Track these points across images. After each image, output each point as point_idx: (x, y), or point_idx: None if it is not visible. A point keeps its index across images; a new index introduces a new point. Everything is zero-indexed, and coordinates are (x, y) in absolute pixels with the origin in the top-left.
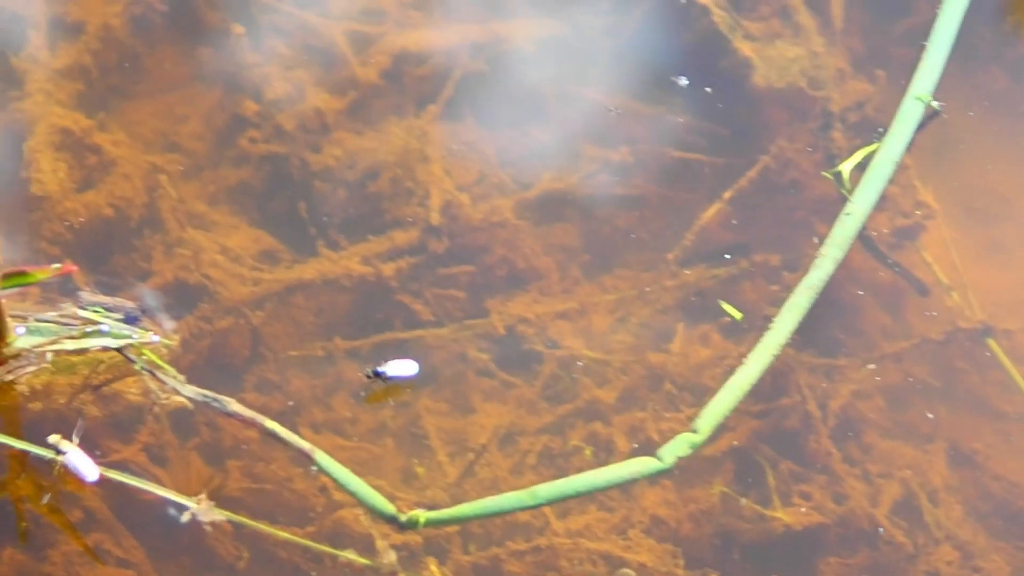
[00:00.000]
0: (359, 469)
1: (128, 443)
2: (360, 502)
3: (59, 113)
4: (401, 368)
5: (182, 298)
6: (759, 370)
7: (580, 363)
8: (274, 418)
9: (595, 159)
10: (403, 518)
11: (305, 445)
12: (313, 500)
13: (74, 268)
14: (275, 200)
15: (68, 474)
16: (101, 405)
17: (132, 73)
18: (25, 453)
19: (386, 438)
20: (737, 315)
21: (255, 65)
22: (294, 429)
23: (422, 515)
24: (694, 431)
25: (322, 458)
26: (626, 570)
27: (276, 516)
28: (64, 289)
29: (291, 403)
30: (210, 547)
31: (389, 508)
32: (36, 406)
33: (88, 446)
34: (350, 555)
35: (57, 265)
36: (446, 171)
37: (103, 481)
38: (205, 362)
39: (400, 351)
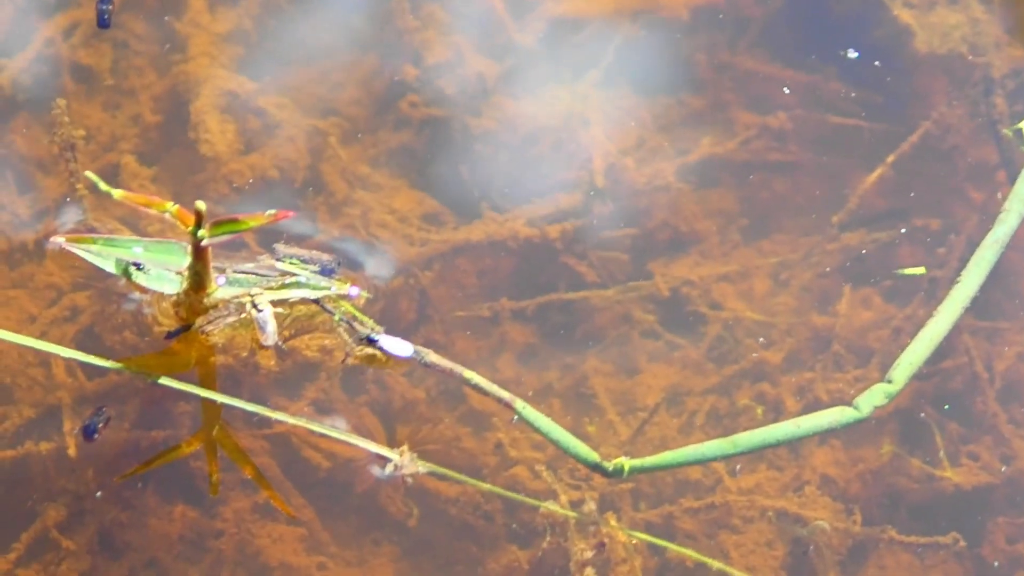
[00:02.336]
0: (527, 431)
1: (298, 398)
2: (563, 450)
3: (224, 76)
4: (395, 346)
5: (352, 259)
6: (950, 322)
7: (744, 325)
8: (442, 377)
9: (752, 125)
10: (608, 466)
11: (505, 394)
12: (484, 458)
13: (290, 214)
14: (436, 163)
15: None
16: (276, 361)
17: (291, 38)
18: (219, 405)
19: (552, 398)
20: (920, 271)
21: (414, 30)
22: (459, 388)
23: (627, 462)
24: (889, 381)
25: (523, 407)
26: (821, 522)
27: (449, 475)
28: (258, 242)
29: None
30: (380, 506)
31: (593, 456)
32: (218, 360)
33: (257, 402)
34: (552, 506)
35: (272, 211)
36: (607, 135)
37: (273, 438)
38: (375, 323)
39: (565, 312)
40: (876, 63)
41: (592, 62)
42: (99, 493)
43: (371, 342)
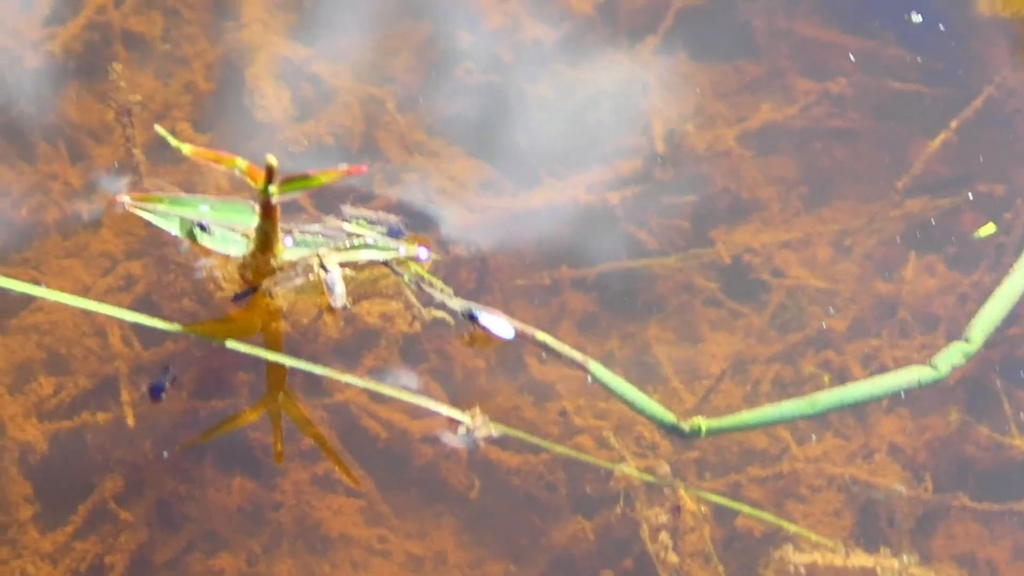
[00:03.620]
0: (591, 399)
1: (356, 366)
2: (638, 411)
3: (278, 43)
4: (497, 325)
5: (408, 221)
6: None
7: (807, 292)
8: (502, 345)
9: (812, 92)
10: (685, 427)
11: (579, 356)
12: (547, 428)
13: (362, 168)
14: (493, 130)
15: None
16: (341, 327)
17: (344, 5)
18: (284, 371)
19: (615, 367)
20: (991, 228)
21: None
22: (520, 358)
23: (704, 423)
24: (966, 340)
25: (596, 368)
26: (898, 487)
27: (508, 443)
28: (322, 207)
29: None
30: (441, 477)
31: (670, 417)
32: (280, 325)
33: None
34: (626, 468)
35: (344, 166)
36: (665, 102)
37: (332, 408)
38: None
39: (626, 280)
40: (940, 27)
41: (650, 28)
42: (165, 454)
43: (472, 319)
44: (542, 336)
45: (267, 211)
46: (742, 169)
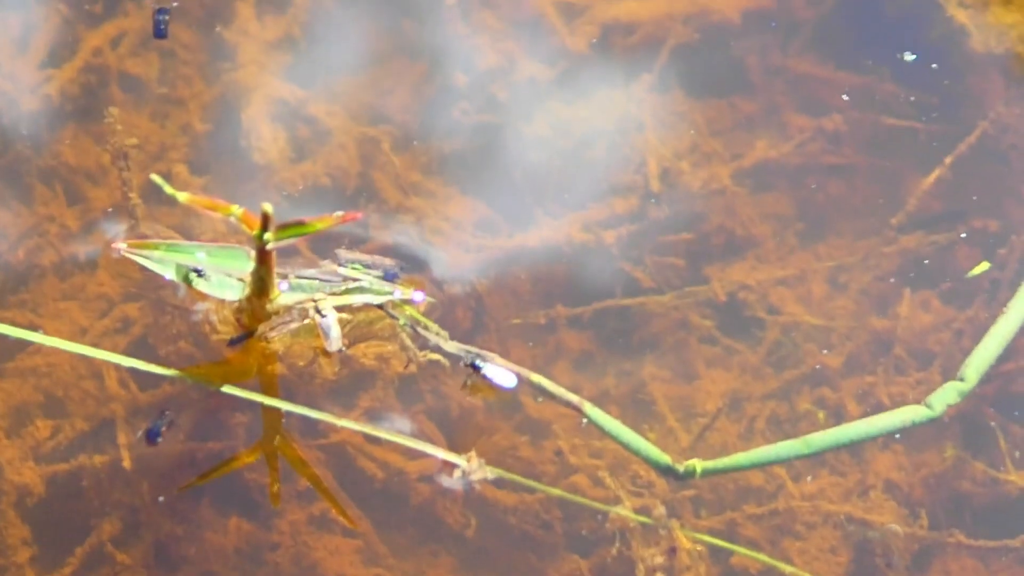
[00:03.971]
0: (586, 438)
1: (351, 408)
2: (633, 452)
3: (273, 84)
4: (499, 375)
5: (404, 265)
6: (1021, 318)
7: (803, 329)
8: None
9: (807, 128)
10: (680, 468)
11: (574, 398)
12: (543, 467)
13: (358, 215)
14: (489, 170)
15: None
16: (337, 368)
17: (340, 46)
18: (280, 414)
19: (610, 405)
20: (984, 266)
21: (464, 36)
22: (516, 397)
23: (699, 464)
24: (961, 379)
25: (591, 410)
26: (893, 526)
27: (504, 483)
28: (318, 250)
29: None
30: (438, 516)
31: (664, 458)
32: (276, 368)
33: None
34: (622, 511)
35: (340, 213)
36: (660, 140)
37: (328, 449)
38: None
39: (622, 318)
40: (934, 66)
41: (645, 66)
42: (161, 498)
43: (475, 369)
44: (537, 378)
45: (263, 257)
46: (737, 206)
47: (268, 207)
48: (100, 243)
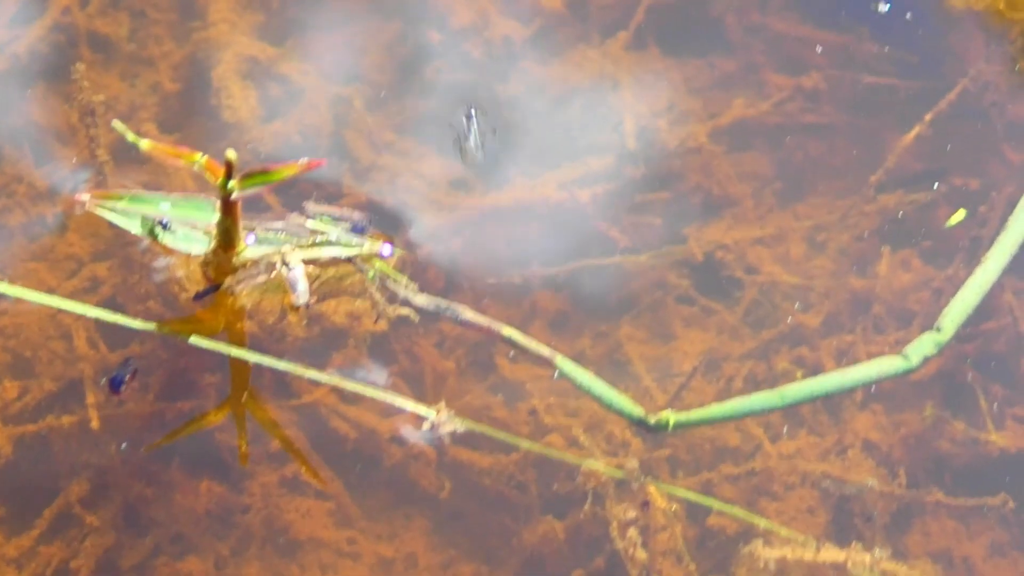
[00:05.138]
0: (561, 397)
1: (324, 366)
2: (606, 405)
3: (244, 43)
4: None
5: (378, 223)
6: (999, 268)
7: (781, 288)
8: (472, 346)
9: (785, 87)
10: (652, 420)
11: (546, 351)
12: (518, 427)
13: (322, 162)
14: (464, 129)
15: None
16: (305, 326)
17: (311, 4)
18: (248, 370)
19: (587, 365)
20: (960, 215)
21: None
22: (491, 358)
23: (672, 416)
24: (938, 330)
25: (563, 363)
26: (870, 481)
27: (479, 444)
28: (289, 204)
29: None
30: (411, 479)
31: (638, 410)
32: (244, 324)
33: (281, 372)
34: (594, 464)
35: (304, 160)
36: (637, 98)
37: (301, 410)
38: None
39: (598, 278)
40: (907, 16)
41: (620, 24)
42: (124, 446)
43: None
44: (508, 331)
45: (228, 207)
46: (715, 165)
47: (232, 154)
48: (69, 203)
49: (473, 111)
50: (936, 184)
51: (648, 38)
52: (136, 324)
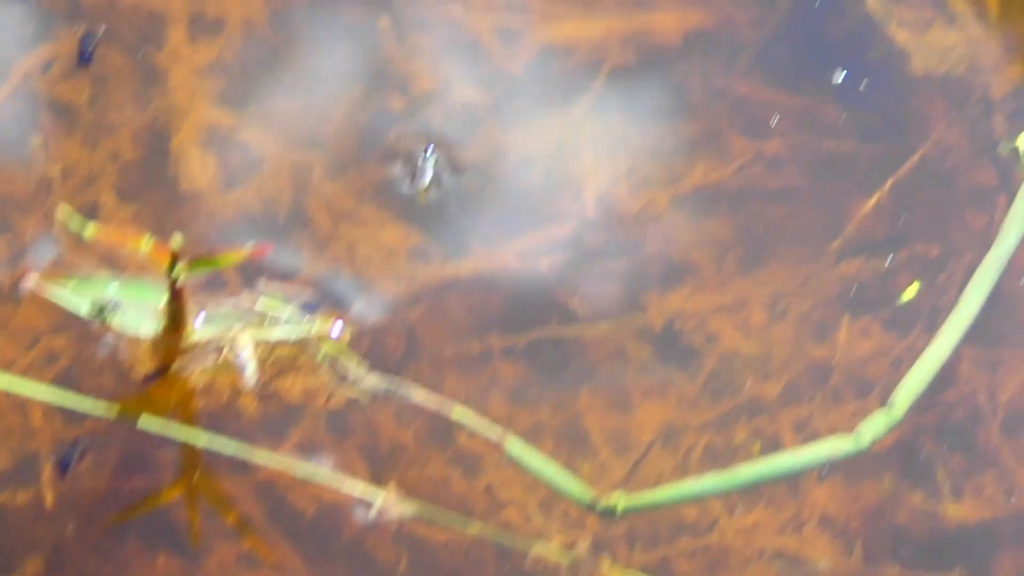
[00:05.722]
0: (518, 472)
1: (282, 442)
2: (555, 490)
3: (204, 110)
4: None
5: (336, 296)
6: (951, 345)
7: (741, 357)
8: (431, 417)
9: (747, 152)
10: (601, 504)
11: (495, 434)
12: (475, 501)
13: (267, 250)
14: (424, 196)
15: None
16: (260, 405)
17: (274, 69)
18: (199, 450)
19: (545, 437)
20: (914, 288)
21: (400, 60)
22: (449, 431)
23: (621, 500)
24: (889, 408)
25: (514, 445)
26: (822, 563)
27: (436, 518)
28: (240, 279)
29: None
30: (368, 552)
31: (587, 494)
32: (200, 402)
33: (240, 447)
34: (542, 549)
35: (248, 246)
36: (598, 164)
37: (258, 486)
38: (362, 361)
39: (557, 348)
40: (862, 85)
41: (582, 89)
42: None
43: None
44: (458, 413)
45: (175, 292)
46: (675, 232)
47: (177, 240)
48: (25, 273)
49: (430, 148)
50: (897, 251)
51: (610, 103)
52: (86, 406)
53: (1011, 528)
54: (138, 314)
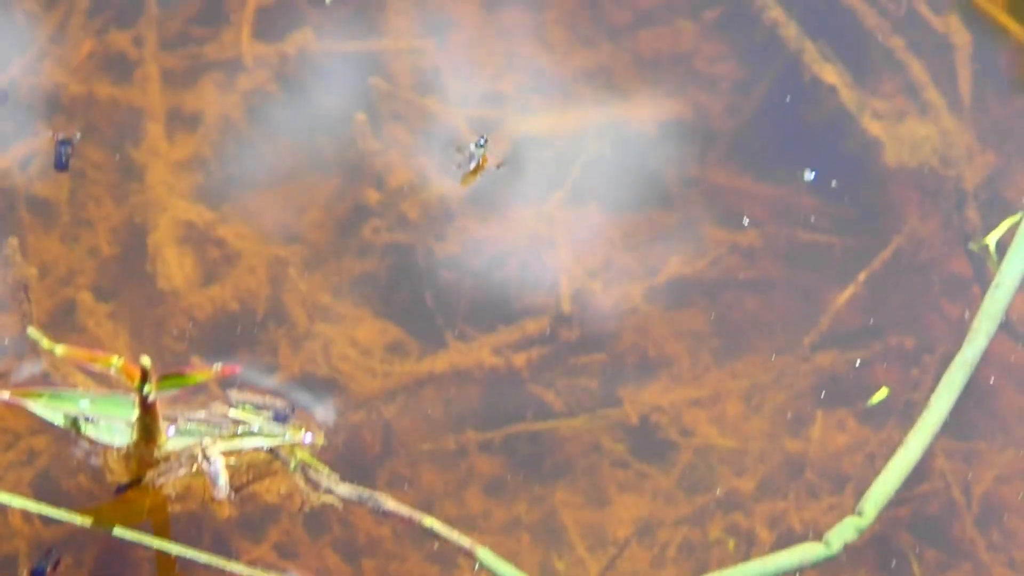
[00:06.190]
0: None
1: (259, 542)
2: None
3: (182, 206)
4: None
5: (312, 393)
6: (920, 449)
7: (716, 451)
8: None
9: (722, 243)
10: None
11: (466, 542)
12: None
13: (236, 370)
14: (401, 291)
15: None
16: (237, 506)
17: (251, 164)
18: (173, 559)
19: (522, 533)
20: (883, 393)
21: (377, 153)
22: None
23: None
24: (859, 514)
25: (484, 555)
26: None
27: None
28: (212, 388)
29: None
30: None
31: None
32: (173, 508)
33: (219, 547)
34: None
35: (218, 366)
36: (574, 257)
37: None
38: (338, 458)
39: (533, 443)
40: (835, 179)
41: (558, 181)
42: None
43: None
44: (429, 521)
45: (145, 407)
46: (651, 325)
47: (146, 361)
48: (3, 376)
49: (484, 139)
50: (872, 343)
51: (586, 194)
52: (59, 515)
53: None
54: (111, 426)
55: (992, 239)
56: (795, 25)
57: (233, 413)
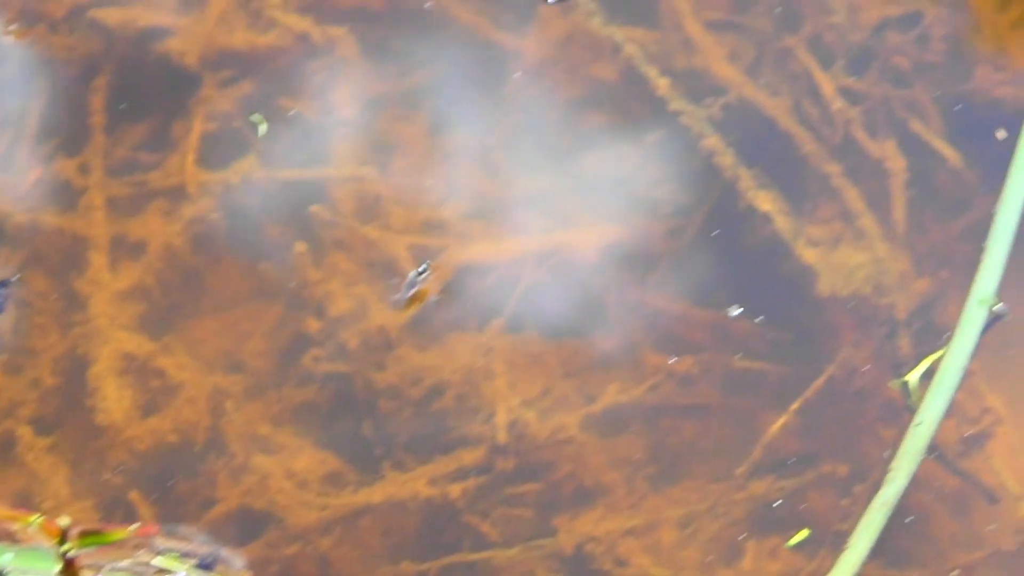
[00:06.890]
0: None
1: None
2: None
3: (123, 337)
4: None
5: (249, 526)
6: (852, 570)
7: None
8: None
9: (659, 369)
10: None
11: None
12: None
13: (154, 530)
14: (340, 420)
15: None
16: None
17: (194, 292)
18: None
19: None
20: (804, 534)
21: (318, 282)
22: None
23: None
24: None
25: None
26: None
27: None
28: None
29: None
30: None
31: None
32: None
33: None
34: None
35: (136, 525)
36: (511, 386)
37: None
38: None
39: (469, 573)
40: (757, 320)
41: (497, 309)
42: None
43: None
44: None
45: (66, 564)
46: (587, 453)
47: (65, 520)
48: None
49: (426, 266)
50: (805, 470)
51: (525, 321)
52: None
53: None
54: None
55: (914, 376)
56: (732, 154)
57: (157, 561)
